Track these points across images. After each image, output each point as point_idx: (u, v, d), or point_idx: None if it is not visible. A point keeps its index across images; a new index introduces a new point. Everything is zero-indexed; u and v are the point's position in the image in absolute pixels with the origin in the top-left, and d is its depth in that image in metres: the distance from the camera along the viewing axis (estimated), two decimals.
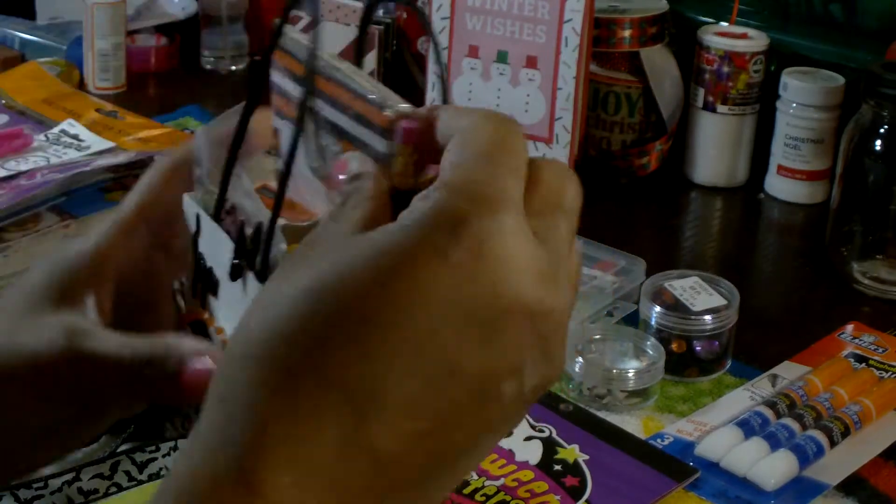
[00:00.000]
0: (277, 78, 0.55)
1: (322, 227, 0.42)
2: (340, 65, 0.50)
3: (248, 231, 0.53)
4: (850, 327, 1.02)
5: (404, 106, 0.46)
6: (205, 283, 0.56)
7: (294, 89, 0.54)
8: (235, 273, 0.52)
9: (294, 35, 0.54)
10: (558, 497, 0.80)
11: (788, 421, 0.86)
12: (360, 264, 0.38)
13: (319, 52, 0.49)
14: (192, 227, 0.57)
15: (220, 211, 0.56)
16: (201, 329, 0.56)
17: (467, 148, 0.41)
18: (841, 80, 1.25)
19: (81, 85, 1.48)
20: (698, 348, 0.94)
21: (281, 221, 0.50)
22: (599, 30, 1.29)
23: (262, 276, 0.50)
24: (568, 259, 0.42)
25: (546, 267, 0.40)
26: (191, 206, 0.58)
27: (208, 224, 0.56)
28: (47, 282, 0.55)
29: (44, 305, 0.54)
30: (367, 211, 0.42)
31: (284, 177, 0.49)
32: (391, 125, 0.45)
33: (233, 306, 0.54)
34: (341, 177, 0.45)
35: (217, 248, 0.55)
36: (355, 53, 0.56)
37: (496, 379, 0.39)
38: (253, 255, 0.51)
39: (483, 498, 0.79)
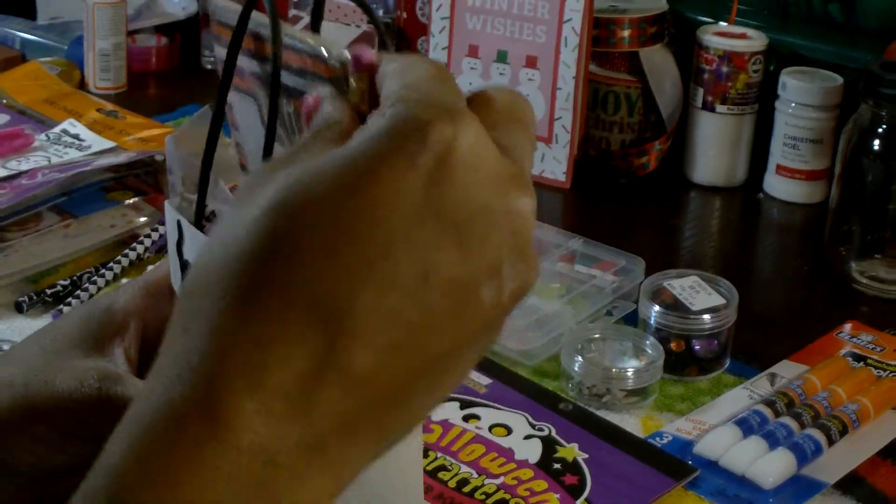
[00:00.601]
0: (221, 52, 0.55)
1: (289, 152, 0.41)
2: (285, 28, 0.50)
3: None
4: (848, 326, 1.02)
5: (346, 51, 0.45)
6: None
7: (241, 61, 0.54)
8: None
9: (232, 7, 0.54)
10: (558, 495, 0.80)
11: (787, 420, 0.86)
12: (324, 176, 0.37)
13: (273, 24, 0.49)
14: (174, 235, 0.58)
15: (202, 218, 0.56)
16: None
17: (410, 74, 0.40)
18: (840, 79, 1.25)
19: (82, 85, 1.49)
20: (697, 347, 0.95)
21: None
22: (599, 30, 1.29)
23: None
24: (531, 167, 0.41)
25: (513, 169, 0.39)
26: (171, 212, 0.58)
27: (191, 232, 0.56)
28: (80, 331, 0.58)
29: (77, 351, 0.57)
30: (336, 132, 0.41)
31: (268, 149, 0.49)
32: (338, 73, 0.45)
33: None
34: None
35: None
36: (312, 26, 0.56)
37: (475, 283, 0.38)
38: None
39: (483, 496, 0.80)
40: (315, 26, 0.56)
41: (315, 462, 0.36)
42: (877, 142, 1.09)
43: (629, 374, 0.90)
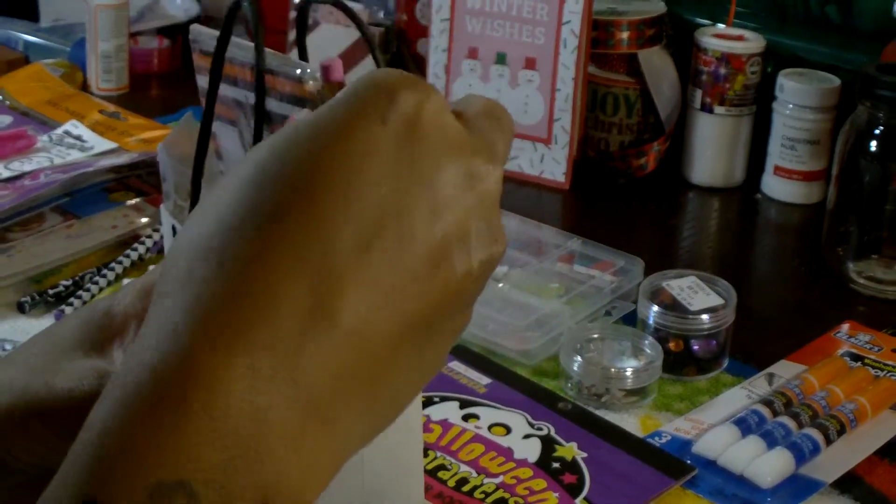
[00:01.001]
0: (203, 81, 0.56)
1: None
2: (266, 53, 0.50)
3: None
4: (845, 326, 1.03)
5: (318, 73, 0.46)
6: None
7: (222, 89, 0.55)
8: None
9: (216, 34, 0.55)
10: (556, 494, 0.80)
11: (785, 419, 0.87)
12: (300, 141, 0.38)
13: (259, 51, 0.49)
14: (170, 238, 0.59)
15: None
16: None
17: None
18: (837, 81, 1.25)
19: (84, 86, 1.49)
20: (696, 347, 0.95)
21: None
22: (598, 31, 1.30)
23: None
24: (505, 154, 0.43)
25: (480, 142, 0.41)
26: (166, 217, 0.59)
27: None
28: (80, 334, 0.58)
29: (77, 352, 0.57)
30: None
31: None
32: (315, 93, 0.46)
33: None
34: None
35: None
36: (298, 51, 0.57)
37: (446, 244, 0.39)
38: None
39: (482, 495, 0.80)
40: (301, 40, 0.57)
41: (309, 424, 0.36)
42: (873, 143, 1.10)
43: (628, 373, 0.91)
